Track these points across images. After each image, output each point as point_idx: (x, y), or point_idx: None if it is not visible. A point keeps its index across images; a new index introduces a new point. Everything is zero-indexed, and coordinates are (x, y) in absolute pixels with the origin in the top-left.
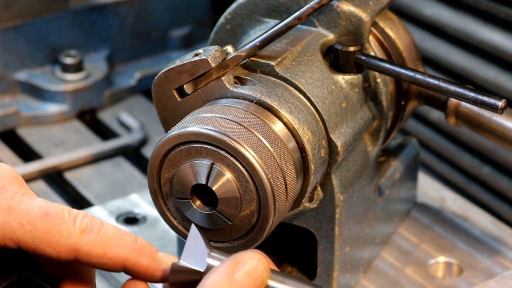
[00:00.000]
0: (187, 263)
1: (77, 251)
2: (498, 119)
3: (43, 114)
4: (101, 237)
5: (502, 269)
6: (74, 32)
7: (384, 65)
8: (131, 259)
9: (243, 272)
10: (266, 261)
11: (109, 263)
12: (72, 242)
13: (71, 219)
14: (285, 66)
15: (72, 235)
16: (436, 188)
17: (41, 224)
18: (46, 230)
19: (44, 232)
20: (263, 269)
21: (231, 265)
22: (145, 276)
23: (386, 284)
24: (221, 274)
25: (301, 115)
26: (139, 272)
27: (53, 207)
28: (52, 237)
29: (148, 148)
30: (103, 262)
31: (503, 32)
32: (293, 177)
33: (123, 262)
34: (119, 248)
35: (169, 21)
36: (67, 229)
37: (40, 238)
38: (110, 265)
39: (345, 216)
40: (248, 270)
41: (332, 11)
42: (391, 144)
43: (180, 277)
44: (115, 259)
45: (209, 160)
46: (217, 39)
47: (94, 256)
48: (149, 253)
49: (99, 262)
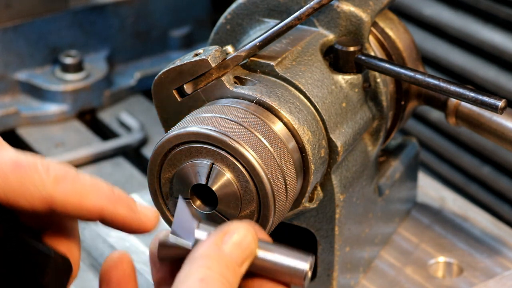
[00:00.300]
0: (175, 238)
1: (52, 201)
2: (498, 119)
3: (43, 114)
4: (76, 185)
5: (502, 269)
6: (74, 32)
7: (384, 65)
8: (107, 208)
9: (232, 243)
10: (254, 230)
11: (85, 213)
12: (46, 192)
13: (44, 168)
14: (285, 66)
15: (46, 185)
16: (436, 188)
17: (12, 176)
18: (18, 182)
19: (16, 184)
20: (251, 238)
21: (218, 236)
22: (123, 227)
23: (386, 284)
24: (209, 246)
25: (301, 115)
26: (116, 222)
27: (25, 158)
28: (25, 189)
29: (148, 148)
30: (79, 212)
31: (503, 32)
32: (293, 177)
33: (99, 212)
34: (95, 197)
35: (169, 21)
36: (41, 179)
37: (13, 190)
38: (86, 215)
39: (345, 216)
40: (236, 240)
41: (332, 11)
42: (391, 144)
43: (169, 252)
44: (91, 209)
45: (209, 160)
46: (217, 39)
47: (69, 205)
48: (127, 203)
49: (75, 211)
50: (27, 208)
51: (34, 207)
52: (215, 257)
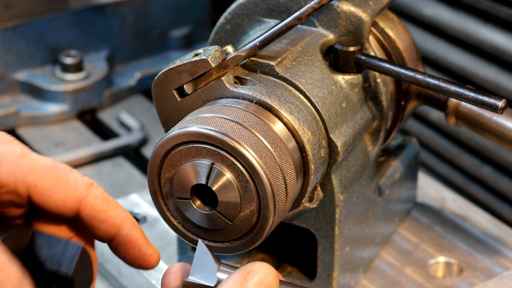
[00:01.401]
0: (197, 278)
1: (83, 201)
2: (498, 119)
3: (43, 114)
4: (106, 195)
5: (502, 269)
6: (74, 32)
7: (384, 65)
8: (127, 225)
9: (254, 282)
10: (275, 272)
11: (108, 223)
12: (80, 191)
13: (79, 173)
14: (285, 66)
15: (80, 185)
16: (436, 188)
17: (51, 171)
18: (56, 177)
19: (54, 178)
20: (273, 278)
21: (242, 275)
22: (132, 252)
23: (386, 284)
24: (234, 284)
25: (301, 115)
26: (130, 241)
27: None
28: (61, 184)
29: (148, 148)
30: (103, 219)
31: (503, 32)
32: (293, 177)
33: (120, 225)
34: (120, 210)
35: (169, 21)
36: (76, 179)
37: (50, 183)
38: (108, 225)
39: (345, 216)
40: (258, 279)
41: (332, 11)
42: (391, 144)
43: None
44: (114, 219)
45: (209, 160)
46: (217, 39)
47: (97, 210)
48: (141, 230)
49: (100, 218)
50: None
51: (65, 204)
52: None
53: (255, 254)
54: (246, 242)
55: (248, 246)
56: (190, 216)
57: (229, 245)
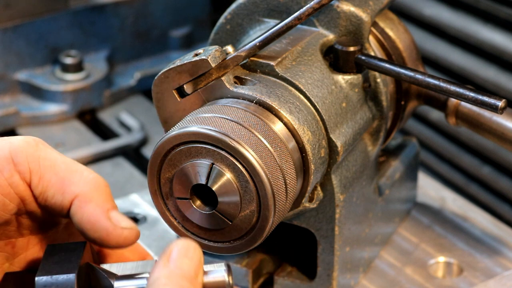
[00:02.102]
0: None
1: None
2: (498, 119)
3: (43, 114)
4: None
5: (502, 269)
6: (74, 32)
7: (384, 65)
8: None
9: (177, 257)
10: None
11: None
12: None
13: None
14: (285, 66)
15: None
16: (436, 188)
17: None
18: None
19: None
20: (194, 246)
21: (164, 258)
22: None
23: (386, 284)
24: (158, 269)
25: (301, 115)
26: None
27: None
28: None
29: (148, 148)
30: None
31: (503, 32)
32: (293, 177)
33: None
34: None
35: (169, 21)
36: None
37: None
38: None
39: (345, 216)
40: (180, 253)
41: (332, 11)
42: (391, 144)
43: None
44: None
45: (209, 160)
46: (217, 39)
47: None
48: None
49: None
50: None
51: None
52: (167, 275)
53: (255, 254)
54: (246, 242)
55: (248, 246)
56: (190, 216)
57: (229, 245)
